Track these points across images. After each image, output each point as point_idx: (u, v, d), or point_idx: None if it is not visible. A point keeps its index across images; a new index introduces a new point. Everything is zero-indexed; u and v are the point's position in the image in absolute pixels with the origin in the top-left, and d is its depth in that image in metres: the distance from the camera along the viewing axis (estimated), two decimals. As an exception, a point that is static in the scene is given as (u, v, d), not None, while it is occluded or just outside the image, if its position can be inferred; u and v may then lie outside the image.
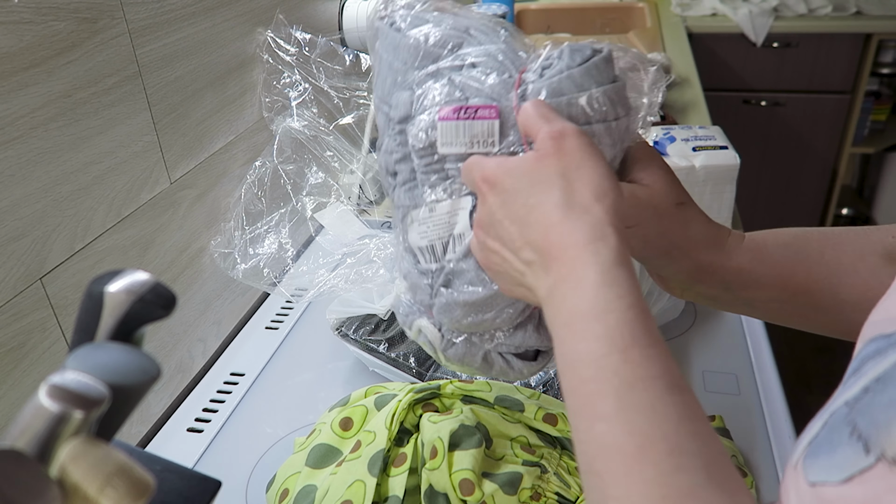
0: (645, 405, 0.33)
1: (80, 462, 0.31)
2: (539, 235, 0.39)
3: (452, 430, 0.60)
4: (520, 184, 0.41)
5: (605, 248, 0.37)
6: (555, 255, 0.38)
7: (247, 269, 0.90)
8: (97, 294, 0.39)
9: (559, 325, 0.37)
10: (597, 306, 0.36)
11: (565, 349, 0.37)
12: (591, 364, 0.35)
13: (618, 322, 0.35)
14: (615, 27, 2.51)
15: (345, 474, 0.61)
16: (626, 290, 0.36)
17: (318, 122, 1.04)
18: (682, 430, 0.32)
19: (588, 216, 0.38)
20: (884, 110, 2.63)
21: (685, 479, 0.31)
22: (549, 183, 0.39)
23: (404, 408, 0.64)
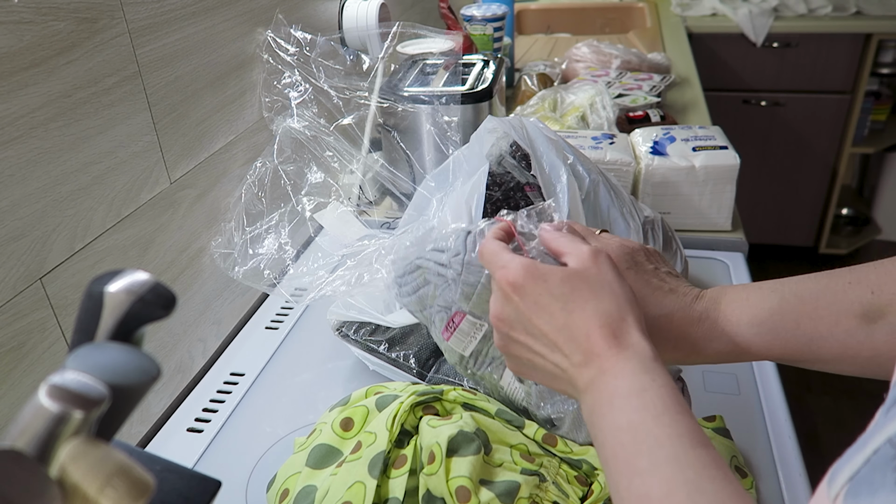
0: (671, 457, 0.39)
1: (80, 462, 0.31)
2: (582, 336, 0.45)
3: (451, 436, 0.59)
4: (558, 290, 0.47)
5: (640, 346, 0.45)
6: (598, 353, 0.45)
7: (247, 270, 0.90)
8: (97, 294, 0.39)
9: (601, 404, 0.43)
10: (635, 387, 0.42)
11: (606, 423, 0.43)
12: (629, 431, 0.41)
13: (652, 397, 0.42)
14: (615, 27, 2.51)
15: (345, 475, 0.61)
16: (658, 375, 0.43)
17: (319, 122, 1.04)
18: (703, 475, 0.38)
19: (624, 323, 0.45)
20: (884, 110, 2.63)
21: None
22: (590, 293, 0.46)
23: (406, 409, 0.64)
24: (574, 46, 1.78)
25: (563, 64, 1.73)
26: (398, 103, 1.09)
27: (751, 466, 0.68)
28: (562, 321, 0.46)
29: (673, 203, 1.07)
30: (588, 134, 1.16)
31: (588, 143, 1.12)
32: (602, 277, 0.47)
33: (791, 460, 0.69)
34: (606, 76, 1.60)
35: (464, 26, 1.58)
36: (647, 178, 1.06)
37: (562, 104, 1.42)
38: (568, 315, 0.46)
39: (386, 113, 1.11)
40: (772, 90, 2.54)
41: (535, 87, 1.55)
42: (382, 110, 1.10)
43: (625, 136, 1.16)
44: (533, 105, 1.42)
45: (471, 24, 1.56)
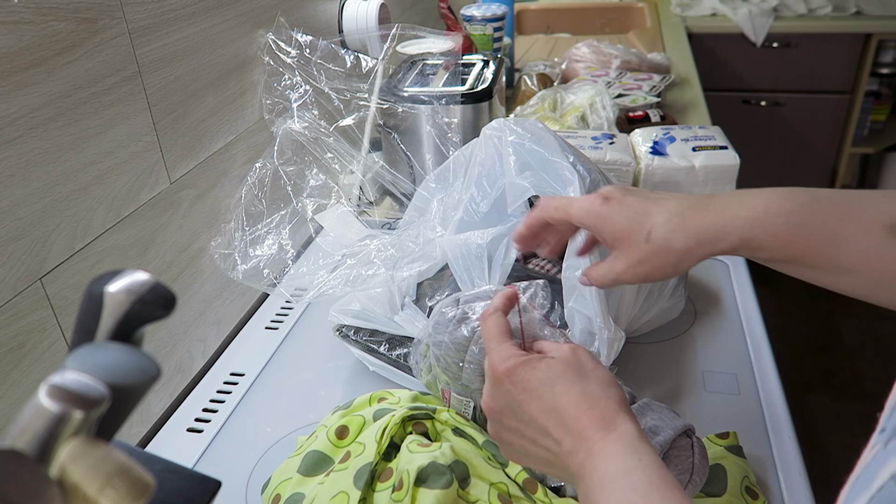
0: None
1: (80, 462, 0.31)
2: (571, 419, 0.47)
3: (421, 467, 0.58)
4: (545, 374, 0.49)
5: (626, 427, 0.46)
6: (586, 436, 0.46)
7: (247, 270, 0.90)
8: (97, 294, 0.39)
9: (592, 488, 0.44)
10: (622, 468, 0.43)
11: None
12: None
13: (640, 476, 0.43)
14: (615, 27, 2.51)
15: (331, 484, 0.61)
16: (645, 454, 0.44)
17: (319, 123, 1.04)
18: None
19: (607, 404, 0.47)
20: (883, 110, 2.63)
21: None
22: (574, 377, 0.48)
23: (396, 422, 0.64)
24: (574, 46, 1.78)
25: (563, 64, 1.73)
26: (398, 104, 1.09)
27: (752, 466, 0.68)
28: (550, 404, 0.48)
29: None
30: (588, 134, 1.16)
31: (588, 143, 1.12)
32: (584, 364, 0.49)
33: (791, 460, 0.69)
34: (606, 76, 1.60)
35: (464, 26, 1.58)
36: (646, 179, 1.06)
37: (562, 104, 1.42)
38: (556, 397, 0.48)
39: (386, 114, 1.11)
40: (772, 90, 2.54)
41: (535, 87, 1.55)
42: (382, 111, 1.10)
43: (625, 136, 1.16)
44: (533, 105, 1.42)
45: (471, 24, 1.56)
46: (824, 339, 2.43)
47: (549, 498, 0.61)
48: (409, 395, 0.72)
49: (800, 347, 2.40)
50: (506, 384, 0.49)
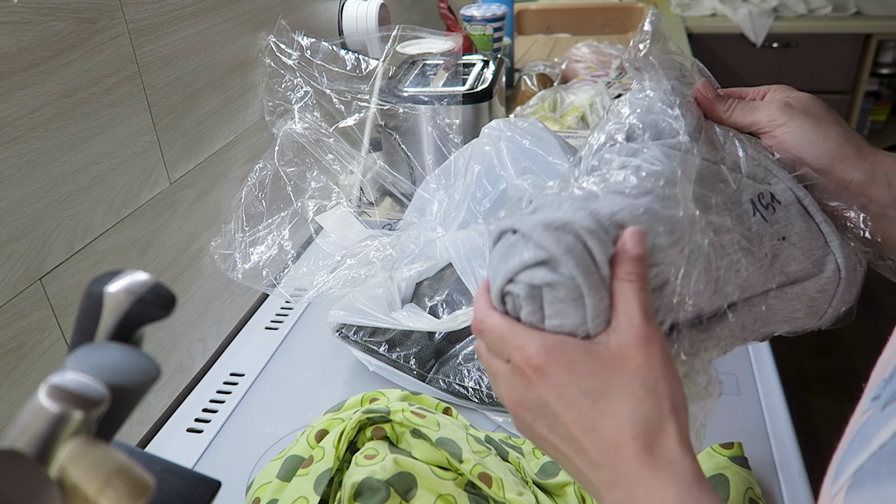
0: None
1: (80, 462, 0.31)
2: (612, 446, 0.37)
3: (355, 483, 0.59)
4: (587, 384, 0.38)
5: (681, 465, 0.36)
6: (628, 472, 0.37)
7: (247, 271, 0.90)
8: (97, 294, 0.39)
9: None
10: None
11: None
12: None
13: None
14: (615, 27, 2.51)
15: (292, 489, 0.61)
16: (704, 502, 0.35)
17: (320, 125, 1.04)
18: None
19: (663, 434, 0.37)
20: (883, 110, 2.64)
21: None
22: (628, 391, 0.37)
23: (353, 427, 0.64)
24: (574, 46, 1.78)
25: (563, 64, 1.73)
26: (398, 104, 1.09)
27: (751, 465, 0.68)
28: (590, 422, 0.38)
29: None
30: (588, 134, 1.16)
31: (588, 143, 1.12)
32: (645, 373, 0.38)
33: (791, 460, 0.69)
34: (606, 76, 1.60)
35: (464, 26, 1.58)
36: (646, 179, 1.06)
37: (561, 104, 1.42)
38: (597, 416, 0.38)
39: (386, 115, 1.11)
40: (772, 90, 2.54)
41: (535, 88, 1.55)
42: (383, 112, 1.10)
43: (625, 136, 1.16)
44: (533, 105, 1.42)
45: (470, 24, 1.56)
46: (824, 339, 2.43)
47: (504, 492, 0.61)
48: (400, 394, 0.72)
49: (800, 348, 2.40)
50: (538, 386, 0.39)
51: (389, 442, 0.65)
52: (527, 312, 0.40)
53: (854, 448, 0.31)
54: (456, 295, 0.80)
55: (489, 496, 0.61)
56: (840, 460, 0.31)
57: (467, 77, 1.16)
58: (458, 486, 0.62)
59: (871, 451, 0.30)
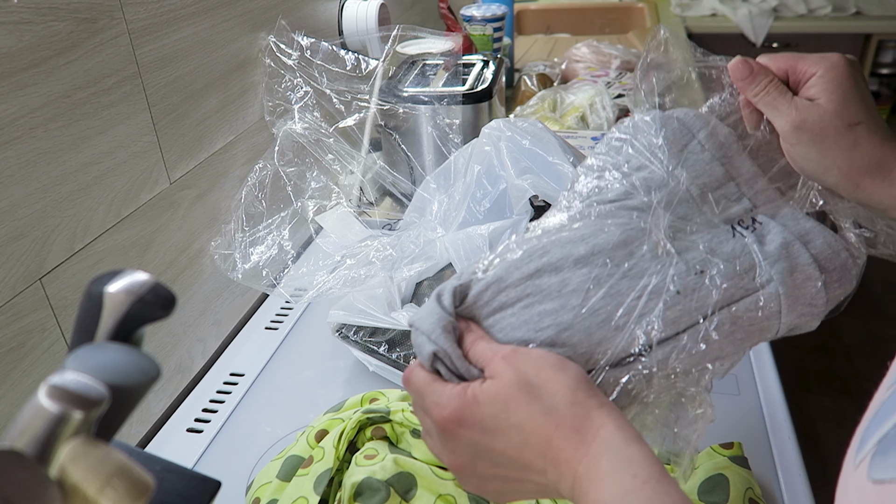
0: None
1: (80, 462, 0.31)
2: (543, 447, 0.40)
3: (355, 483, 0.59)
4: (494, 409, 0.41)
5: (604, 432, 0.39)
6: (564, 458, 0.40)
7: (247, 271, 0.90)
8: (97, 294, 0.39)
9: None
10: (616, 493, 0.37)
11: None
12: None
13: (638, 500, 0.37)
14: (615, 27, 2.51)
15: (292, 489, 0.61)
16: (638, 466, 0.38)
17: (320, 125, 1.04)
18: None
19: (572, 412, 0.40)
20: (883, 110, 2.64)
21: None
22: (525, 400, 0.41)
23: (353, 427, 0.64)
24: (574, 47, 1.78)
25: (563, 64, 1.73)
26: (398, 104, 1.09)
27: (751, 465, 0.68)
28: (517, 439, 0.41)
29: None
30: (588, 134, 1.16)
31: (588, 143, 1.12)
32: (526, 375, 0.42)
33: (791, 460, 0.69)
34: (606, 76, 1.60)
35: (463, 26, 1.58)
36: (646, 179, 1.06)
37: (561, 104, 1.42)
38: (519, 430, 0.41)
39: (386, 115, 1.11)
40: (771, 90, 2.54)
41: (535, 88, 1.55)
42: (383, 112, 1.10)
43: (624, 136, 1.16)
44: (532, 105, 1.42)
45: (470, 24, 1.56)
46: (824, 339, 2.43)
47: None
48: (400, 394, 0.72)
49: (800, 348, 2.40)
50: (461, 433, 0.43)
51: (389, 442, 0.65)
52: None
53: (879, 419, 0.31)
54: (456, 295, 0.80)
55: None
56: (864, 432, 0.32)
57: (467, 77, 1.16)
58: (457, 486, 0.62)
59: (894, 422, 0.30)
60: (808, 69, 0.50)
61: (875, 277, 2.64)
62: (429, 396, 0.44)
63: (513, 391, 0.41)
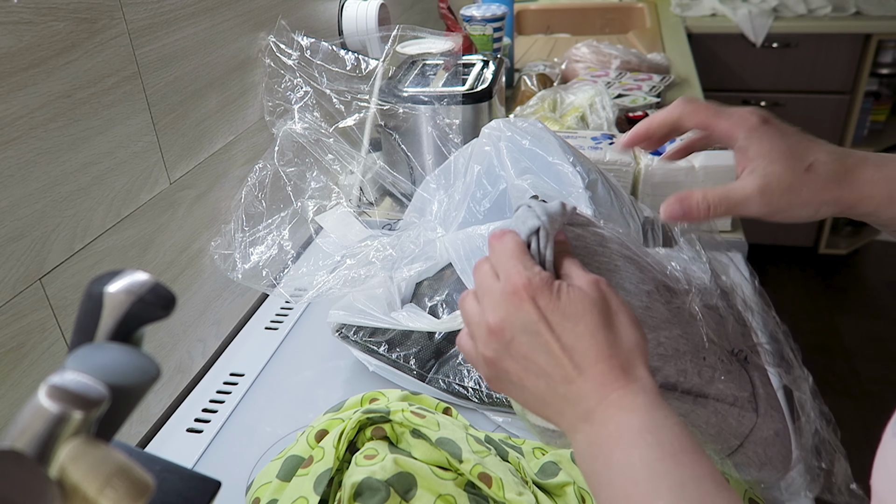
0: (695, 499, 0.37)
1: (80, 462, 0.31)
2: (590, 362, 0.43)
3: (355, 483, 0.59)
4: (570, 312, 0.44)
5: (648, 381, 0.43)
6: (603, 382, 0.42)
7: (246, 271, 0.90)
8: (97, 294, 0.39)
9: (605, 437, 0.41)
10: (648, 424, 0.40)
11: (615, 458, 0.40)
12: (644, 468, 0.39)
13: (668, 434, 0.40)
14: (615, 27, 2.51)
15: (292, 489, 0.61)
16: (670, 414, 0.41)
17: (320, 125, 1.04)
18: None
19: (632, 356, 0.43)
20: (883, 110, 2.64)
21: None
22: (597, 322, 0.44)
23: (353, 427, 0.64)
24: (574, 47, 1.78)
25: (563, 64, 1.73)
26: (398, 104, 1.09)
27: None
28: (571, 341, 0.43)
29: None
30: (588, 134, 1.16)
31: (588, 143, 1.12)
32: (609, 302, 0.45)
33: (791, 460, 0.69)
34: (606, 76, 1.60)
35: (463, 26, 1.58)
36: (646, 179, 1.06)
37: (561, 104, 1.42)
38: (577, 338, 0.43)
39: (386, 115, 1.11)
40: (771, 90, 2.54)
41: (535, 88, 1.55)
42: (383, 112, 1.10)
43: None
44: (532, 105, 1.42)
45: (470, 24, 1.56)
46: (824, 339, 2.43)
47: (504, 492, 0.60)
48: (400, 394, 0.71)
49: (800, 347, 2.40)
50: (526, 305, 0.43)
51: (389, 442, 0.65)
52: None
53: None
54: (456, 295, 0.80)
55: (489, 496, 0.61)
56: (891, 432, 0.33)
57: (467, 77, 1.16)
58: (457, 486, 0.62)
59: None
60: (726, 131, 0.54)
61: (875, 278, 2.64)
62: (515, 260, 0.45)
63: (592, 308, 0.44)
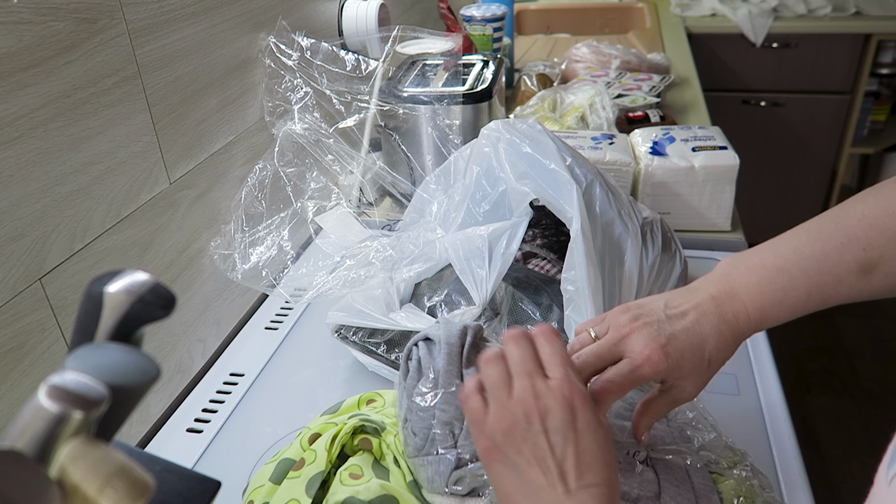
0: None
1: (80, 462, 0.31)
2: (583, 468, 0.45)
3: (337, 502, 0.58)
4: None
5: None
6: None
7: (246, 271, 0.90)
8: (97, 294, 0.39)
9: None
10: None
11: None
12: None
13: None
14: (615, 27, 2.51)
15: (284, 492, 0.61)
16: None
17: (320, 125, 1.04)
18: None
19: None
20: (883, 110, 2.63)
21: None
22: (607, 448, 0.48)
23: (347, 432, 0.64)
24: (573, 47, 1.78)
25: (563, 64, 1.73)
26: (398, 105, 1.09)
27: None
28: (591, 448, 0.46)
29: (672, 203, 1.08)
30: (587, 134, 1.16)
31: (587, 143, 1.12)
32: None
33: (791, 460, 0.69)
34: (606, 76, 1.60)
35: (463, 27, 1.58)
36: (646, 179, 1.06)
37: (561, 104, 1.42)
38: (597, 448, 0.47)
39: (386, 115, 1.11)
40: (771, 90, 2.54)
41: (535, 88, 1.55)
42: (383, 113, 1.10)
43: (624, 136, 1.16)
44: (532, 105, 1.42)
45: (470, 24, 1.56)
46: (824, 339, 2.43)
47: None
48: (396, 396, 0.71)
49: (800, 347, 2.40)
50: (578, 413, 0.47)
51: (374, 457, 0.65)
52: None
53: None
54: (455, 295, 0.80)
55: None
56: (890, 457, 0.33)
57: (467, 77, 1.16)
58: None
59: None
60: (627, 355, 0.56)
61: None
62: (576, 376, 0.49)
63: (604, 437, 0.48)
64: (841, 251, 0.54)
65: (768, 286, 0.56)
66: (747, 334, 0.57)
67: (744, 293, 0.57)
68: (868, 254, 0.53)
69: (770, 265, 0.57)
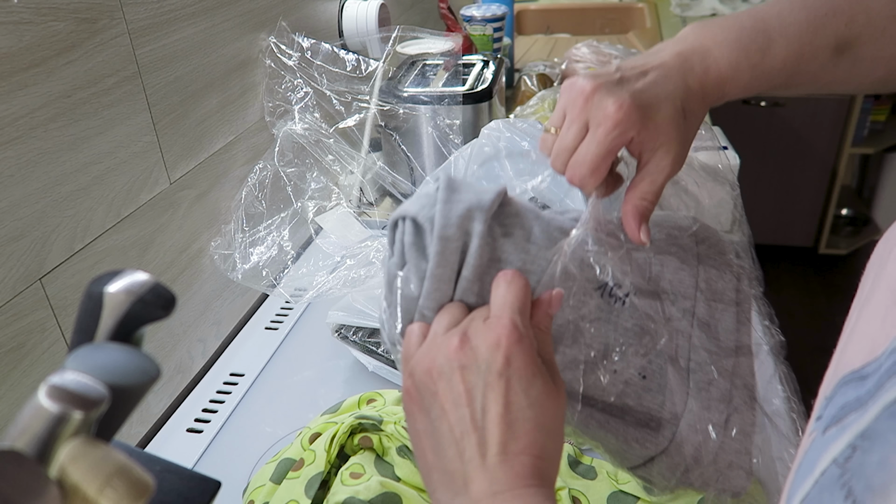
0: None
1: (80, 462, 0.31)
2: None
3: (337, 503, 0.58)
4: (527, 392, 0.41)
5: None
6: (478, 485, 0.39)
7: (246, 271, 0.90)
8: (97, 294, 0.39)
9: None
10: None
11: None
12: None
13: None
14: (615, 27, 2.51)
15: (283, 492, 0.61)
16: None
17: (320, 126, 1.04)
18: None
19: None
20: (883, 111, 2.63)
21: None
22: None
23: (345, 432, 0.64)
24: (574, 47, 1.78)
25: (563, 64, 1.73)
26: (398, 105, 1.09)
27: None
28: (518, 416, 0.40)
29: (672, 203, 1.07)
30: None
31: (588, 143, 1.12)
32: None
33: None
34: (606, 77, 1.60)
35: (463, 27, 1.58)
36: (646, 179, 1.06)
37: (561, 105, 1.42)
38: (528, 406, 0.40)
39: (386, 115, 1.11)
40: (771, 90, 2.54)
41: (535, 88, 1.55)
42: (383, 113, 1.10)
43: (624, 136, 1.16)
44: (532, 105, 1.42)
45: (470, 24, 1.56)
46: (824, 339, 2.43)
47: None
48: (397, 396, 0.71)
49: (800, 348, 2.40)
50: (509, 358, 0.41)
51: (376, 454, 0.65)
52: None
53: (801, 473, 0.30)
54: (456, 295, 0.80)
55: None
56: (790, 486, 0.30)
57: (467, 77, 1.16)
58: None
59: (814, 479, 0.29)
60: (592, 122, 0.52)
61: (875, 278, 2.62)
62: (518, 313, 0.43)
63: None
64: (825, 22, 0.52)
65: (749, 43, 0.52)
66: (713, 97, 0.53)
67: (717, 50, 0.52)
68: (849, 30, 0.52)
69: (749, 26, 0.53)
